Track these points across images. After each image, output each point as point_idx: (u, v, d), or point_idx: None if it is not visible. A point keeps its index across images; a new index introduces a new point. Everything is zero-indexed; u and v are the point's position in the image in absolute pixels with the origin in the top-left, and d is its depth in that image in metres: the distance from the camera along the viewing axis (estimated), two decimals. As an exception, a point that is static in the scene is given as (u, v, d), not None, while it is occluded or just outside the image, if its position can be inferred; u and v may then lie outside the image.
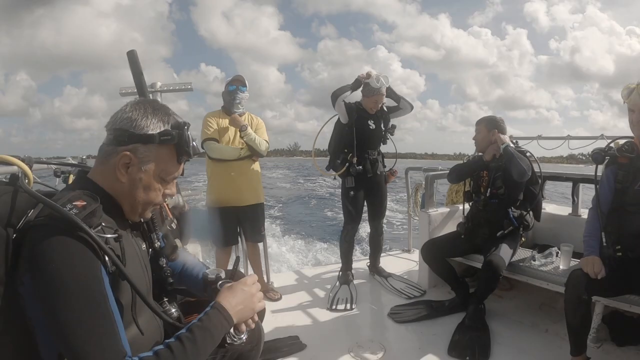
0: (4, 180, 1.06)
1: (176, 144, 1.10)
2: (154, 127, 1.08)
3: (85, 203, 0.98)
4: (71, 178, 1.65)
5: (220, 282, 1.36)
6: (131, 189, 1.10)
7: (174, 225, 1.90)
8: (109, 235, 1.00)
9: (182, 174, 1.19)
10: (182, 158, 1.14)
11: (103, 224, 1.00)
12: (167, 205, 1.90)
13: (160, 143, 1.08)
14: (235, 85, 3.07)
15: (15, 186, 1.03)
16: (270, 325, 2.71)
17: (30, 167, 1.19)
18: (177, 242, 1.82)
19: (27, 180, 1.17)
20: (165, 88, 2.45)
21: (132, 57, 1.65)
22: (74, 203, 0.97)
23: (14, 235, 0.96)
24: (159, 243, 1.31)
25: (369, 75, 3.25)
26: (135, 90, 2.53)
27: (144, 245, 1.24)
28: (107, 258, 0.96)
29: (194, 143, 1.14)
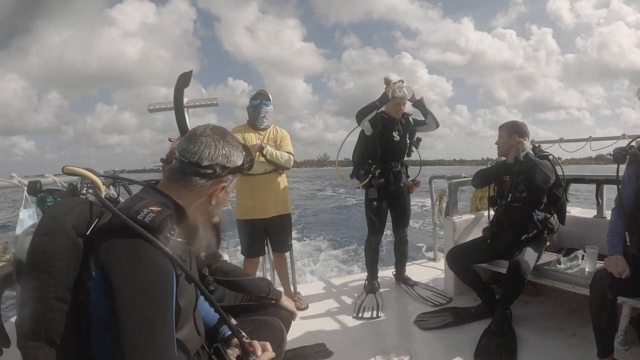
0: (63, 190, 1.16)
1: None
2: (240, 158, 1.20)
3: (160, 208, 1.05)
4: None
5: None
6: (217, 207, 1.23)
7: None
8: (180, 239, 1.07)
9: None
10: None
11: (172, 231, 1.06)
12: None
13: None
14: (259, 100, 3.12)
15: (90, 197, 1.11)
16: (297, 333, 2.75)
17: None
18: (220, 252, 1.90)
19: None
20: (192, 104, 2.55)
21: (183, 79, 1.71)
22: (150, 208, 1.04)
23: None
24: (203, 253, 1.40)
25: (387, 83, 3.26)
26: (163, 107, 2.66)
27: None
28: (176, 263, 1.03)
29: None
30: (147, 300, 0.96)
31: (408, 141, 3.49)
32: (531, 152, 2.76)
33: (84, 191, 1.42)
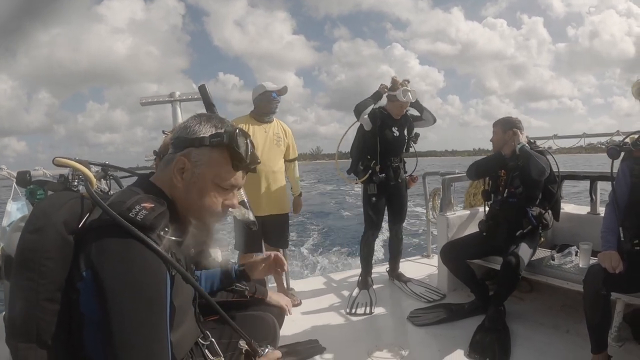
0: (54, 182, 1.12)
1: (228, 147, 1.10)
2: (206, 131, 1.11)
3: (153, 205, 1.00)
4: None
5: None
6: (186, 193, 1.11)
7: None
8: (174, 238, 1.03)
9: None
10: (238, 164, 1.13)
11: (165, 228, 1.02)
12: None
13: (212, 146, 1.09)
14: (275, 93, 3.09)
15: (82, 192, 1.07)
16: (290, 329, 2.72)
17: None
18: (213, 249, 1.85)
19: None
20: (184, 97, 2.52)
21: (203, 90, 1.67)
22: (142, 205, 0.99)
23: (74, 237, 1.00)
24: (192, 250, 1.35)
25: (394, 83, 3.26)
26: (155, 100, 2.64)
27: None
28: (170, 264, 0.99)
29: (252, 150, 1.15)
30: (140, 302, 0.93)
31: (406, 137, 3.49)
32: (527, 145, 2.75)
33: (75, 183, 1.38)
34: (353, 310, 3.12)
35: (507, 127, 2.87)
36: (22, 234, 0.99)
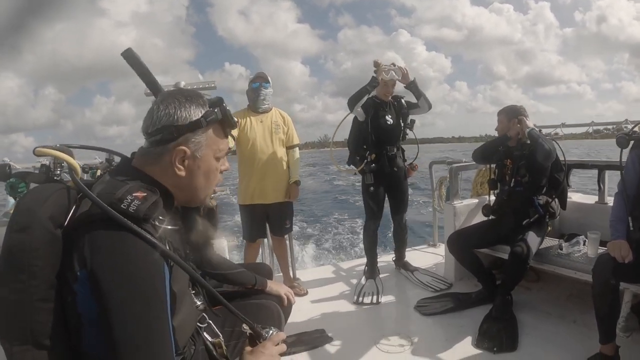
0: (36, 172, 1.09)
1: (221, 120, 1.11)
2: (195, 112, 1.07)
3: (145, 194, 0.96)
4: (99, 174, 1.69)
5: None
6: (192, 179, 1.09)
7: None
8: (170, 227, 1.00)
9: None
10: (228, 130, 1.16)
11: (160, 217, 0.99)
12: None
13: (208, 125, 1.08)
14: (258, 82, 3.11)
15: (68, 183, 1.03)
16: (297, 318, 2.74)
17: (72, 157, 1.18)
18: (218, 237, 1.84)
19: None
20: (188, 86, 2.51)
21: (130, 56, 1.43)
22: (134, 194, 0.94)
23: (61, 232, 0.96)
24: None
25: (376, 65, 3.23)
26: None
27: None
28: (167, 256, 0.96)
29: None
30: (138, 296, 0.90)
31: (402, 124, 3.45)
32: (535, 128, 2.73)
33: (58, 172, 1.31)
34: (360, 300, 3.12)
35: (511, 115, 2.86)
36: (7, 232, 0.94)
